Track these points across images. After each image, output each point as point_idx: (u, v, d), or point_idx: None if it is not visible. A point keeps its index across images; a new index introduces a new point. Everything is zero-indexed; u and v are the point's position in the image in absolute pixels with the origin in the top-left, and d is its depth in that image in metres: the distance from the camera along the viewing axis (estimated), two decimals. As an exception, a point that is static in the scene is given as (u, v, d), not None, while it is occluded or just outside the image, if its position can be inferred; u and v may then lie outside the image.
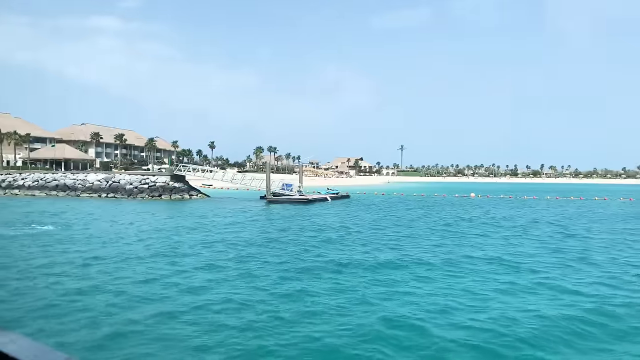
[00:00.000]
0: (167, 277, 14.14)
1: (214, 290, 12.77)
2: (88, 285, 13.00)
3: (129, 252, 18.33)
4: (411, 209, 43.30)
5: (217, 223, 28.95)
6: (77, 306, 11.04)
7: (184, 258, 17.30)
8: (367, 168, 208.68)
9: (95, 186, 55.28)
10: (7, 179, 59.98)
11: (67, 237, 22.03)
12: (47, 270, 14.80)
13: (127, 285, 13.06)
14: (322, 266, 15.96)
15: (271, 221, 30.74)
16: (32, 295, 12.00)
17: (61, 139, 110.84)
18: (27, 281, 13.45)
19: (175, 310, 10.83)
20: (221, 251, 18.87)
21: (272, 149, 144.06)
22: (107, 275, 14.36)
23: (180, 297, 12.00)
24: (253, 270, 15.35)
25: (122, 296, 12.01)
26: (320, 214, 35.96)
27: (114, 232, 23.70)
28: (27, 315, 10.32)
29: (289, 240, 21.78)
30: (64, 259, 16.76)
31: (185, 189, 55.38)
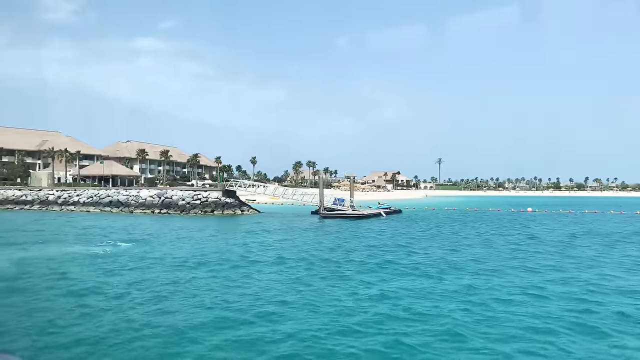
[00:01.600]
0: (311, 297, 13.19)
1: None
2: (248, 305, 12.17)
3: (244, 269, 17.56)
4: (477, 225, 41.36)
5: (289, 241, 28.06)
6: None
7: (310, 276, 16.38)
8: (405, 182, 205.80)
9: (147, 202, 55.69)
10: (62, 195, 61.31)
11: (158, 254, 21.53)
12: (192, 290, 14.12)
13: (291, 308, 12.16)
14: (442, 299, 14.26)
15: (339, 239, 29.59)
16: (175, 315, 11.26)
17: (107, 156, 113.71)
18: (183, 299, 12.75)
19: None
20: (310, 269, 17.87)
21: (311, 164, 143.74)
22: (250, 297, 13.55)
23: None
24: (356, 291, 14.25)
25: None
26: (384, 231, 34.52)
27: (198, 248, 23.10)
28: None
29: (379, 266, 20.39)
30: (186, 277, 16.09)
31: (236, 205, 55.12)
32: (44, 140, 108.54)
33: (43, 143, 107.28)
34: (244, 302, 13.09)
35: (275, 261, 19.90)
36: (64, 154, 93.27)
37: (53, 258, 20.01)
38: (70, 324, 11.01)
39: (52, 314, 11.79)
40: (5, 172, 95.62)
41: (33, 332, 10.48)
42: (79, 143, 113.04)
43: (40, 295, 13.79)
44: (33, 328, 10.73)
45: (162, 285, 15.14)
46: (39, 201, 60.88)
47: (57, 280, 15.86)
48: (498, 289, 14.78)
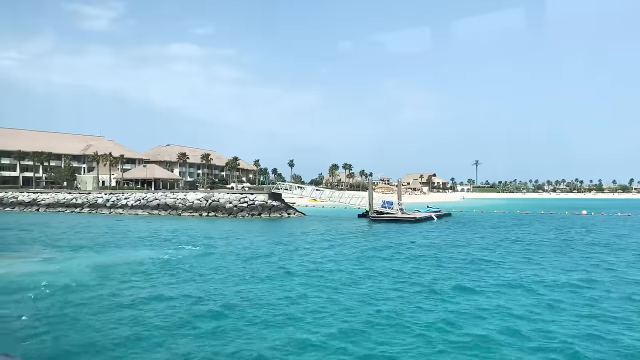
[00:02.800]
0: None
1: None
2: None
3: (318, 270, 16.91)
4: (545, 229, 39.56)
5: (347, 247, 27.28)
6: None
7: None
8: (441, 184, 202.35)
9: (195, 205, 55.95)
10: (111, 198, 62.38)
11: (231, 257, 21.14)
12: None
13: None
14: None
15: (394, 245, 28.60)
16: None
17: (149, 160, 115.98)
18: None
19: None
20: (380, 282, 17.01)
21: (347, 166, 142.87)
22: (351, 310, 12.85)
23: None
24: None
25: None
26: (444, 237, 33.21)
27: (275, 254, 22.60)
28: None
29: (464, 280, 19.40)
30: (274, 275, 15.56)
31: (282, 207, 54.77)
32: (89, 145, 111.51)
33: (87, 147, 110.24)
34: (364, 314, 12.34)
35: (361, 272, 19.06)
36: (108, 158, 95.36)
37: (136, 262, 19.80)
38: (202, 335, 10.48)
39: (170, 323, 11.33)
40: (53, 176, 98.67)
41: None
42: (122, 147, 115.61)
43: (151, 303, 13.39)
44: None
45: (265, 292, 14.56)
46: (89, 204, 62.09)
47: (150, 284, 15.52)
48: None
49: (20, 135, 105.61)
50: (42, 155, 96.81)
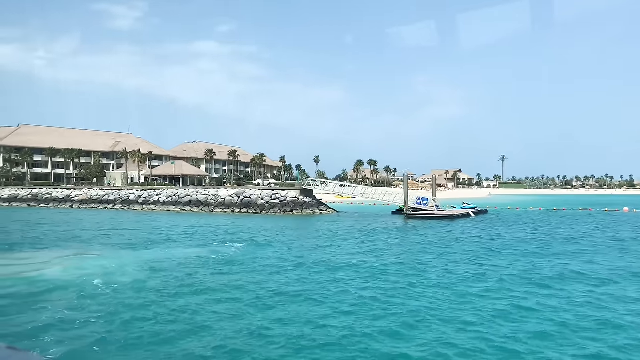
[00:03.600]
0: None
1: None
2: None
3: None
4: (591, 227, 38.17)
5: (397, 243, 26.52)
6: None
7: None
8: (467, 180, 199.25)
9: (227, 201, 55.83)
10: (142, 195, 62.79)
11: (283, 254, 20.64)
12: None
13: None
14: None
15: (444, 245, 27.70)
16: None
17: (175, 156, 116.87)
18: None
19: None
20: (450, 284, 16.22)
21: (372, 162, 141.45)
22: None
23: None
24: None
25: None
26: (492, 236, 32.17)
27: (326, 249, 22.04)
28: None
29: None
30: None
31: (314, 204, 54.26)
32: (117, 142, 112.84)
33: (116, 144, 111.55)
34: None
35: (424, 270, 18.32)
36: (137, 155, 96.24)
37: (190, 259, 19.46)
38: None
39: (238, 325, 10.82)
40: (83, 172, 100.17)
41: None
42: (149, 144, 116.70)
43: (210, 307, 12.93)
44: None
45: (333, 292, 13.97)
46: (121, 200, 62.63)
47: (205, 283, 15.09)
48: None
49: (51, 132, 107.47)
50: (72, 152, 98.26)
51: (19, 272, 17.23)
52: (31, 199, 69.04)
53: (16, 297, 13.53)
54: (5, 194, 72.18)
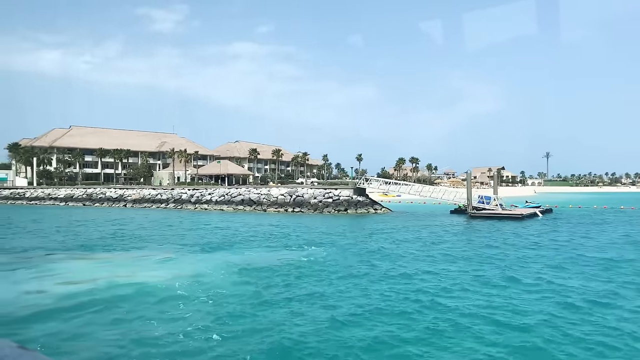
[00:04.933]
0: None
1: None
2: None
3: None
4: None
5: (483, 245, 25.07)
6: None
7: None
8: (510, 178, 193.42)
9: (279, 200, 55.35)
10: (195, 194, 63.12)
11: (370, 255, 19.67)
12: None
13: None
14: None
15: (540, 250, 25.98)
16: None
17: (219, 156, 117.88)
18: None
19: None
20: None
21: (414, 160, 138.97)
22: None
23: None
24: None
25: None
26: (581, 240, 30.10)
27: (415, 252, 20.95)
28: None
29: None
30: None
31: (368, 203, 53.09)
32: (163, 142, 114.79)
33: (162, 144, 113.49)
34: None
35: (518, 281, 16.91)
36: (184, 155, 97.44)
37: (272, 262, 18.70)
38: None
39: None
40: (131, 172, 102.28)
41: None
42: (193, 144, 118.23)
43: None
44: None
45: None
46: (173, 200, 63.15)
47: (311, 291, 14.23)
48: None
49: (100, 133, 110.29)
50: (121, 153, 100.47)
51: (111, 275, 16.82)
52: (86, 199, 70.62)
53: (116, 304, 12.96)
54: (61, 193, 74.18)
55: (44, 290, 14.37)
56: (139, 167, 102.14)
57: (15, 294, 14.14)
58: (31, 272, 17.19)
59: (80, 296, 13.57)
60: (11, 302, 13.11)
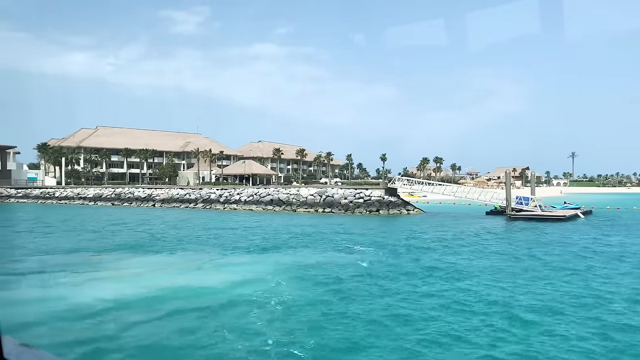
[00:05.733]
0: None
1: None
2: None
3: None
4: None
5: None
6: None
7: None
8: (535, 178, 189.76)
9: (309, 201, 54.73)
10: (223, 194, 62.90)
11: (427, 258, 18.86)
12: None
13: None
14: None
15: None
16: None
17: (242, 156, 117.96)
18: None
19: None
20: None
21: (438, 160, 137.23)
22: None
23: None
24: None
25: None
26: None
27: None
28: None
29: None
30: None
31: (400, 203, 52.10)
32: (187, 142, 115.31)
33: (186, 144, 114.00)
34: None
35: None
36: (209, 155, 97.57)
37: (327, 265, 18.00)
38: None
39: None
40: (157, 172, 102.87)
41: None
42: (217, 144, 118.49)
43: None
44: None
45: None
46: (202, 200, 63.01)
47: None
48: None
49: (126, 133, 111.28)
50: (147, 153, 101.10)
51: (169, 279, 16.31)
52: (114, 198, 71.01)
53: (183, 310, 12.36)
54: (90, 193, 74.77)
55: (102, 295, 13.90)
56: (164, 167, 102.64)
57: (74, 298, 13.70)
58: (87, 275, 16.81)
59: (143, 301, 13.05)
60: (75, 307, 12.65)
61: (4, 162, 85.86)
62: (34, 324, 11.05)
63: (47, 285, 15.32)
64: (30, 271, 17.84)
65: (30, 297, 13.96)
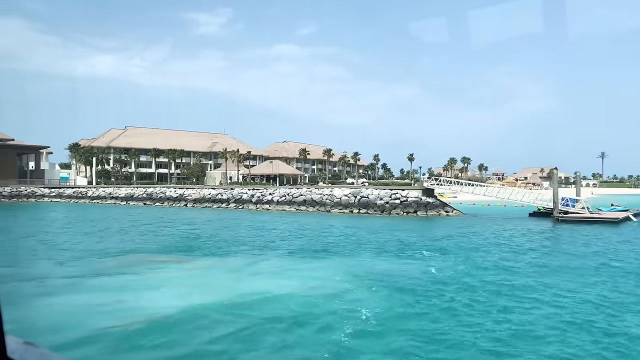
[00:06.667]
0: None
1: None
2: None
3: None
4: None
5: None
6: None
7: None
8: (563, 179, 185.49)
9: (343, 201, 53.94)
10: (255, 194, 62.53)
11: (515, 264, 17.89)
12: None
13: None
14: None
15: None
16: None
17: (268, 156, 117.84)
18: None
19: None
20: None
21: (466, 160, 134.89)
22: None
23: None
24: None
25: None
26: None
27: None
28: None
29: None
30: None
31: (439, 205, 50.92)
32: (214, 142, 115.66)
33: (213, 145, 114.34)
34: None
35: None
36: (236, 155, 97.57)
37: (393, 273, 17.14)
38: None
39: None
40: (185, 172, 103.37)
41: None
42: (243, 144, 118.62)
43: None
44: None
45: None
46: (234, 200, 62.76)
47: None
48: None
49: (154, 133, 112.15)
50: (175, 153, 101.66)
51: (233, 284, 15.69)
52: (146, 198, 71.33)
53: (257, 321, 11.62)
54: (122, 193, 75.29)
55: (159, 302, 13.32)
56: (192, 166, 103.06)
57: (135, 302, 13.14)
58: (140, 278, 16.31)
59: (219, 309, 12.40)
60: (142, 311, 12.08)
61: (37, 162, 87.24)
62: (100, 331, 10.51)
63: (126, 288, 14.83)
64: (97, 273, 17.43)
65: (96, 302, 13.45)
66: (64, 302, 13.06)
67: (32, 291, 14.13)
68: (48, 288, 14.74)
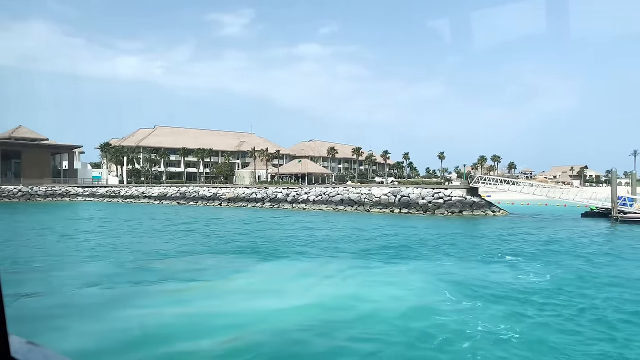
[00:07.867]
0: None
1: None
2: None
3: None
4: None
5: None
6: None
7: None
8: (594, 177, 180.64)
9: (383, 201, 52.64)
10: (290, 193, 61.64)
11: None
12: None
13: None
14: None
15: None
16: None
17: (294, 155, 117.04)
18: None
19: None
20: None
21: (496, 158, 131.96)
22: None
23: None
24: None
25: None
26: None
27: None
28: None
29: None
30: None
31: (484, 204, 49.25)
32: (241, 141, 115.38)
33: (241, 144, 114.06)
34: None
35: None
36: (265, 153, 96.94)
37: (487, 282, 15.82)
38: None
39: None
40: (214, 171, 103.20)
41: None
42: (270, 143, 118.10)
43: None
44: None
45: None
46: (269, 199, 61.96)
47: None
48: None
49: (182, 133, 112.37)
50: (203, 152, 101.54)
51: (322, 291, 14.63)
52: (179, 197, 71.07)
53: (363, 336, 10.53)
54: (155, 192, 75.23)
55: (234, 310, 12.31)
56: (221, 165, 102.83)
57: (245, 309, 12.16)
58: (222, 284, 15.35)
59: (317, 316, 11.34)
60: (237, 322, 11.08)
61: (70, 161, 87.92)
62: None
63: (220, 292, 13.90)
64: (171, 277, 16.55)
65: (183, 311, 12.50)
66: (173, 313, 12.08)
67: (137, 301, 13.18)
68: (143, 298, 13.81)
